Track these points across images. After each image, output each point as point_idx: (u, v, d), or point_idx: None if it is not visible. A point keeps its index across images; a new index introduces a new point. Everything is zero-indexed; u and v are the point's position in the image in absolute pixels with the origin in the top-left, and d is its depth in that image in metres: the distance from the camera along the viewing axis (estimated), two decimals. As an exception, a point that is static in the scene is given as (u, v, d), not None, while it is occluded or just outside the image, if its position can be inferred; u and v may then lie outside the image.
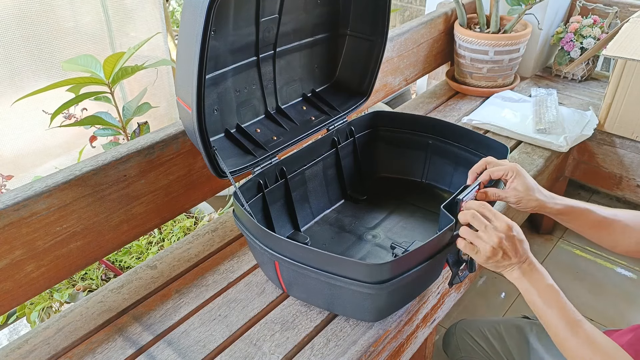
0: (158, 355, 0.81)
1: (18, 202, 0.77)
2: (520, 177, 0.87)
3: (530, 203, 0.87)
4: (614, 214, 0.89)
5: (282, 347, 0.82)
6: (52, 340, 0.84)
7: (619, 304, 1.54)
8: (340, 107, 1.11)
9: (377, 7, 1.03)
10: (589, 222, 0.90)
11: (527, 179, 0.87)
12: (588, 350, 0.70)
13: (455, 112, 1.55)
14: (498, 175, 0.88)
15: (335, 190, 1.13)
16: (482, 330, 1.15)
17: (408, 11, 3.21)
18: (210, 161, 0.85)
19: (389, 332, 0.85)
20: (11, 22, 1.47)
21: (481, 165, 0.90)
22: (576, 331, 0.71)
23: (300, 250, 0.78)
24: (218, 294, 0.92)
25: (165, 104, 1.98)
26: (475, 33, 1.54)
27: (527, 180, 0.87)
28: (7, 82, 1.52)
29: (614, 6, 1.66)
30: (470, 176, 0.91)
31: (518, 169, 0.87)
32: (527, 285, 0.76)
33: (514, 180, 0.87)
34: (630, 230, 0.88)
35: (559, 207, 0.89)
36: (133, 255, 1.34)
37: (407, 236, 1.04)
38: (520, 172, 0.87)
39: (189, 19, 0.74)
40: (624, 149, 1.42)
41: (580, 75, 1.71)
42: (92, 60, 1.26)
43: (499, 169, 0.88)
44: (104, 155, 0.88)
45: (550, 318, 0.74)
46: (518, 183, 0.86)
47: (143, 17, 1.82)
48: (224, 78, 0.92)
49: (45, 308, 1.22)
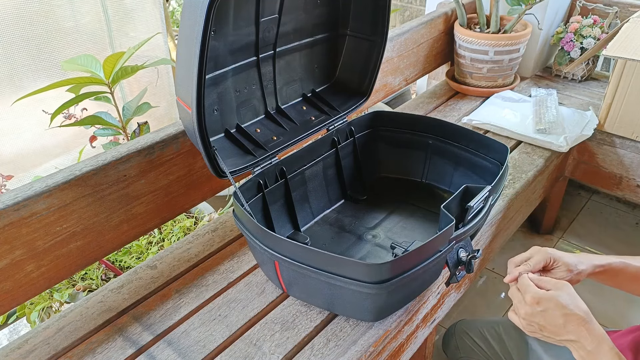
0: (158, 355, 0.81)
1: (18, 202, 0.77)
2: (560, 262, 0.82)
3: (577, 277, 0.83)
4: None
5: (282, 347, 0.82)
6: (52, 340, 0.84)
7: (619, 304, 1.54)
8: (340, 107, 1.11)
9: (377, 7, 1.03)
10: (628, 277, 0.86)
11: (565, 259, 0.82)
12: None
13: (455, 112, 1.55)
14: (538, 269, 0.82)
15: (335, 190, 1.13)
16: (481, 331, 1.15)
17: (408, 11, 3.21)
18: (210, 161, 0.85)
19: (389, 332, 0.85)
20: (10, 22, 1.47)
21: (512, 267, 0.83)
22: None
23: (300, 250, 0.78)
24: (218, 294, 0.92)
25: (165, 104, 1.98)
26: (475, 33, 1.54)
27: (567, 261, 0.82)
28: (7, 82, 1.52)
29: (614, 6, 1.65)
30: (510, 279, 0.82)
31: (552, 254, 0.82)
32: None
33: (555, 269, 0.82)
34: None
35: (599, 269, 0.85)
36: (133, 255, 1.34)
37: (407, 236, 1.04)
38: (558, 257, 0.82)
39: (189, 19, 0.74)
40: (624, 149, 1.42)
41: (580, 75, 1.71)
42: (92, 60, 1.26)
43: (536, 263, 0.81)
44: (104, 155, 0.88)
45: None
46: (561, 272, 0.82)
47: (143, 17, 1.82)
48: (224, 78, 0.92)
49: (45, 308, 1.22)
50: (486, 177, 1.04)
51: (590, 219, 1.90)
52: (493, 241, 1.18)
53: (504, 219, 1.17)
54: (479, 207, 0.86)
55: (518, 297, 0.75)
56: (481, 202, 0.86)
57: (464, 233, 0.83)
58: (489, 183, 0.89)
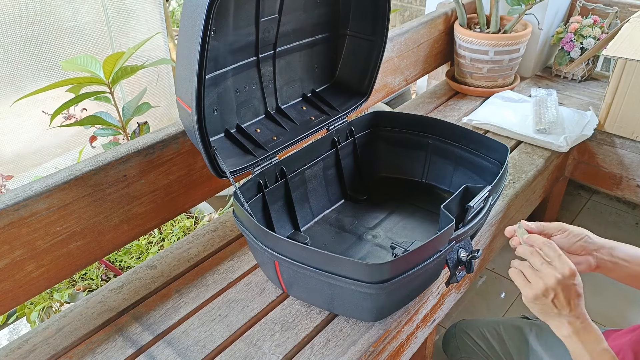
0: (158, 355, 0.81)
1: (18, 202, 0.77)
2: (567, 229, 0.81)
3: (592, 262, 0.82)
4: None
5: (282, 347, 0.82)
6: (52, 340, 0.84)
7: (619, 304, 1.54)
8: (340, 107, 1.11)
9: (377, 7, 1.03)
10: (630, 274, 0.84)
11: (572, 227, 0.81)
12: None
13: (455, 112, 1.55)
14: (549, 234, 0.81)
15: (335, 190, 1.13)
16: (481, 330, 1.15)
17: (408, 11, 3.21)
18: (210, 161, 0.85)
19: (389, 332, 0.85)
20: (11, 22, 1.47)
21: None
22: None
23: (300, 250, 0.78)
24: (218, 294, 0.92)
25: (165, 104, 1.98)
26: (475, 33, 1.54)
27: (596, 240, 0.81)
28: (7, 82, 1.52)
29: (614, 6, 1.65)
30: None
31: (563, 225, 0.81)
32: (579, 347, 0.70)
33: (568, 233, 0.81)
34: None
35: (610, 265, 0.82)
36: (133, 255, 1.34)
37: (407, 236, 1.04)
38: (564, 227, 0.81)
39: (189, 19, 0.74)
40: (624, 149, 1.42)
41: (580, 75, 1.71)
42: (92, 60, 1.26)
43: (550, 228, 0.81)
44: (104, 155, 0.88)
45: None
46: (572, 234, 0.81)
47: (143, 17, 1.82)
48: (224, 78, 0.92)
49: (45, 308, 1.22)
50: (486, 177, 1.04)
51: (590, 219, 1.90)
52: (493, 241, 1.18)
53: (504, 219, 1.17)
54: (479, 207, 0.86)
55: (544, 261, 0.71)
56: (481, 202, 0.86)
57: (464, 233, 0.83)
58: (489, 183, 0.89)
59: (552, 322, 0.73)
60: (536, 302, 0.72)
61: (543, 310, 0.72)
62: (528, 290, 0.72)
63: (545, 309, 0.72)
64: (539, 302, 0.71)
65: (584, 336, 0.70)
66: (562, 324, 0.71)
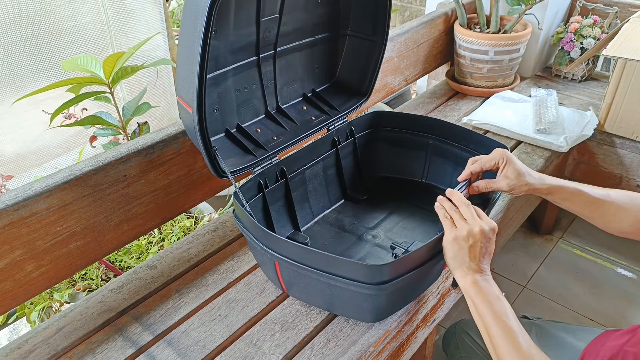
0: (158, 355, 0.81)
1: (18, 202, 0.77)
2: (510, 163, 0.87)
3: (522, 188, 0.88)
4: (606, 194, 0.89)
5: (282, 347, 0.82)
6: (52, 340, 0.84)
7: (619, 304, 1.54)
8: (340, 107, 1.11)
9: (377, 7, 1.03)
10: (581, 203, 0.89)
11: (517, 164, 0.88)
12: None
13: (455, 112, 1.55)
14: (490, 165, 0.88)
15: (335, 190, 1.13)
16: (481, 330, 1.15)
17: (408, 11, 3.21)
18: (211, 161, 0.85)
19: (389, 332, 0.85)
20: (11, 22, 1.47)
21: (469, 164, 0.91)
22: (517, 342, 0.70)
23: (300, 250, 0.78)
24: (218, 294, 0.92)
25: (165, 104, 1.98)
26: (475, 33, 1.54)
27: (517, 166, 0.87)
28: (7, 82, 1.52)
29: (614, 6, 1.66)
30: (463, 176, 0.92)
31: (507, 155, 0.88)
32: (480, 296, 0.74)
33: (504, 168, 0.87)
34: (623, 212, 0.87)
35: (548, 187, 0.89)
36: (133, 255, 1.34)
37: (407, 236, 1.04)
38: (510, 159, 0.88)
39: (190, 18, 0.74)
40: (624, 149, 1.42)
41: (580, 75, 1.71)
42: (92, 60, 1.26)
43: (489, 159, 0.88)
44: (104, 155, 0.88)
45: (494, 331, 0.72)
46: (509, 170, 0.87)
47: (143, 17, 1.82)
48: (225, 78, 0.92)
49: (45, 308, 1.22)
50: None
51: (590, 219, 1.89)
52: (493, 241, 1.18)
53: (504, 219, 1.17)
54: (479, 207, 0.86)
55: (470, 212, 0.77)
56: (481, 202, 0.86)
57: (464, 233, 0.83)
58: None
59: (459, 269, 0.76)
60: (454, 244, 0.75)
61: (456, 255, 0.76)
62: (452, 231, 0.76)
63: (459, 253, 0.75)
64: (457, 245, 0.75)
65: (487, 288, 0.74)
66: (468, 272, 0.75)
